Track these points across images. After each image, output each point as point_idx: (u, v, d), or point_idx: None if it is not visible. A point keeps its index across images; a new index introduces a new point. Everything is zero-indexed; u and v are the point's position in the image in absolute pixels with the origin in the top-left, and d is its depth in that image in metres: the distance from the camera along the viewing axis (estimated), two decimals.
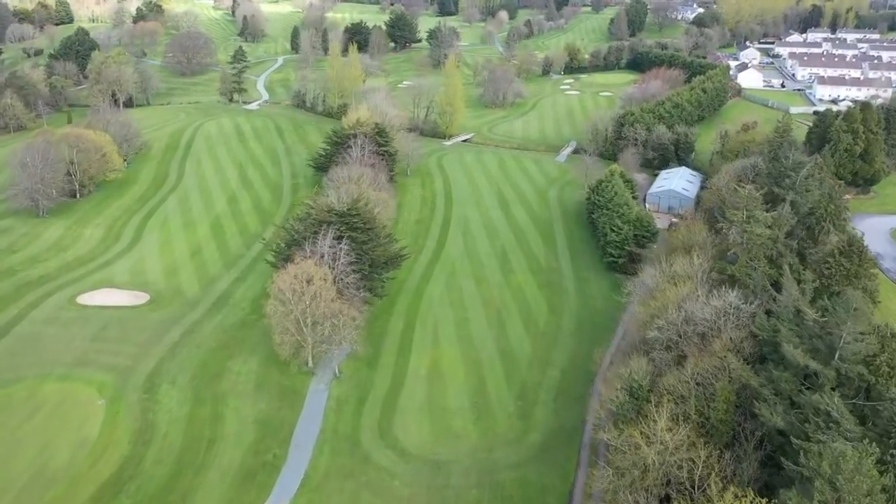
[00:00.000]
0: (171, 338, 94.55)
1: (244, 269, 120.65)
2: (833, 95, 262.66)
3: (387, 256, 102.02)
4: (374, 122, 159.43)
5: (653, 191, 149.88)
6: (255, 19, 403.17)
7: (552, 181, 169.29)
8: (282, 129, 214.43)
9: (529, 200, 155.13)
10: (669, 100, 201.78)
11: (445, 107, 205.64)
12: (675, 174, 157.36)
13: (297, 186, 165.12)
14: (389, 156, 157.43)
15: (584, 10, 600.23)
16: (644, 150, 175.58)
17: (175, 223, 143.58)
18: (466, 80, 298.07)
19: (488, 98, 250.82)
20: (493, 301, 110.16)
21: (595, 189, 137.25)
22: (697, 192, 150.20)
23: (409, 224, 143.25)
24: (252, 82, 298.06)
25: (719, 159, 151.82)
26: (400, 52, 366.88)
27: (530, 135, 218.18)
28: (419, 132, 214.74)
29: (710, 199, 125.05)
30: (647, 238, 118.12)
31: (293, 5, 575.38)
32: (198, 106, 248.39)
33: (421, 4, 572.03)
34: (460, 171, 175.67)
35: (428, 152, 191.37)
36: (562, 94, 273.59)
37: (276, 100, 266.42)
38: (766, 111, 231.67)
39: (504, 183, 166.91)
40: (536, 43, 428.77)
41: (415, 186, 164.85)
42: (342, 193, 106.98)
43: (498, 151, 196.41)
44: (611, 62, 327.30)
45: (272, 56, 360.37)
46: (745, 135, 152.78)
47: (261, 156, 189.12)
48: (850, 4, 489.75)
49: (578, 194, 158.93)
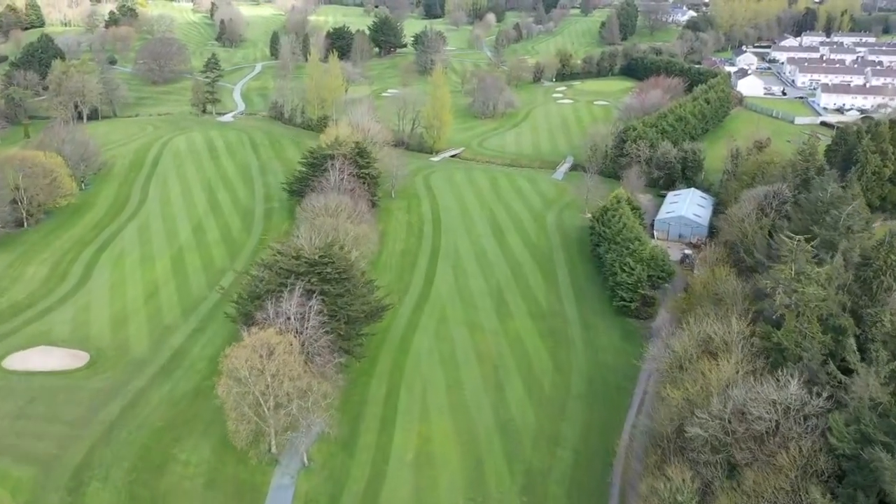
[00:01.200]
0: (110, 414, 79.55)
1: (205, 316, 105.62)
2: (838, 104, 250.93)
3: (366, 310, 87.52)
4: (354, 142, 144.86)
5: (661, 217, 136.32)
6: (234, 23, 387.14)
7: (549, 203, 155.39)
8: (257, 144, 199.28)
9: (526, 227, 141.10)
10: (672, 112, 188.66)
11: (432, 120, 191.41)
12: (684, 197, 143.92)
13: (271, 212, 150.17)
14: (371, 178, 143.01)
15: (573, 12, 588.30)
16: (648, 168, 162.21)
17: (131, 257, 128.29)
18: (454, 88, 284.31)
19: (478, 108, 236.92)
20: (490, 355, 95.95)
21: (600, 218, 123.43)
22: (710, 218, 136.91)
23: (394, 256, 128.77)
24: (228, 91, 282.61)
25: (733, 182, 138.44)
26: (384, 58, 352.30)
27: (523, 149, 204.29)
28: (405, 147, 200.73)
29: (731, 232, 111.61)
30: (662, 279, 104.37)
31: (275, 8, 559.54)
32: (168, 118, 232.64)
33: (406, 7, 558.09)
34: (449, 191, 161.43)
35: (414, 170, 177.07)
36: (555, 103, 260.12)
37: (253, 110, 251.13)
38: (771, 122, 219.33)
39: (497, 205, 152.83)
40: (525, 47, 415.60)
41: (400, 210, 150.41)
42: (315, 234, 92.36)
43: (489, 168, 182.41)
44: (604, 68, 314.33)
45: (250, 62, 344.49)
46: (761, 155, 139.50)
47: (233, 175, 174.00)
48: (843, 7, 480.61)
49: (579, 219, 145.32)
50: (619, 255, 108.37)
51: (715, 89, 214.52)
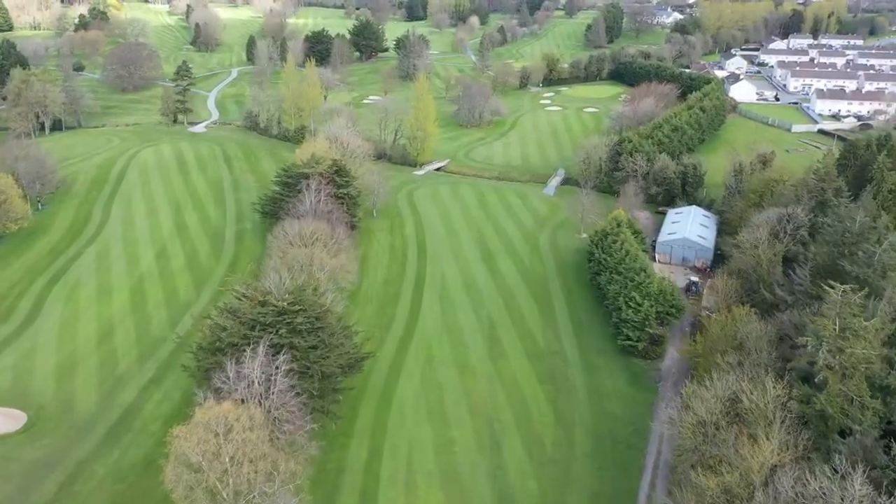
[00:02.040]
0: (44, 493, 68.42)
1: (163, 363, 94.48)
2: (833, 110, 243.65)
3: (344, 363, 77.01)
4: (331, 159, 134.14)
5: (664, 239, 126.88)
6: (209, 27, 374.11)
7: (542, 222, 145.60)
8: (230, 157, 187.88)
9: (517, 249, 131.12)
10: (667, 122, 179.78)
11: (416, 131, 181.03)
12: (686, 216, 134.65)
13: (243, 235, 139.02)
14: (351, 199, 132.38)
15: (558, 13, 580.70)
16: (645, 183, 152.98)
17: (87, 289, 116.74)
18: (438, 94, 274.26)
19: (463, 116, 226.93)
20: (483, 406, 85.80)
21: (599, 243, 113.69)
22: (715, 239, 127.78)
23: (376, 286, 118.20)
24: (202, 98, 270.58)
25: (739, 201, 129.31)
26: (365, 63, 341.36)
27: (512, 161, 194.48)
28: (387, 159, 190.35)
29: (744, 260, 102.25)
30: (672, 315, 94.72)
31: (253, 10, 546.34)
32: (136, 129, 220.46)
33: (388, 9, 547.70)
34: (434, 210, 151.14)
35: (397, 185, 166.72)
36: (543, 111, 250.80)
37: (228, 119, 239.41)
38: (767, 131, 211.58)
39: (486, 225, 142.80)
40: (510, 50, 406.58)
41: (382, 232, 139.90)
42: (285, 273, 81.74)
43: (477, 183, 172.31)
44: (592, 73, 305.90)
45: (226, 68, 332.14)
46: (768, 171, 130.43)
47: (203, 192, 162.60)
48: (829, 8, 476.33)
49: (575, 240, 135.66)
50: (622, 288, 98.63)
51: (710, 97, 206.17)
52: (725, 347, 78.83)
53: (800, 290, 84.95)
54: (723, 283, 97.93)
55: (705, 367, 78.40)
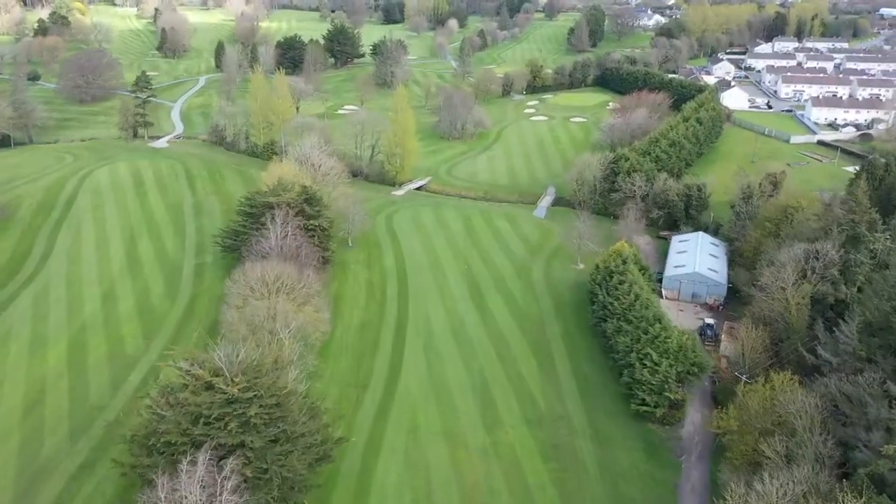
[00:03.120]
0: None
1: (97, 442, 79.89)
2: (829, 118, 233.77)
3: (310, 458, 63.23)
4: (300, 185, 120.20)
5: (671, 273, 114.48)
6: (177, 32, 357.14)
7: (534, 250, 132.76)
8: (193, 176, 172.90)
9: (509, 285, 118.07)
10: (664, 136, 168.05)
11: (394, 148, 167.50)
12: (693, 245, 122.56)
13: (202, 270, 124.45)
14: (322, 230, 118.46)
15: (538, 16, 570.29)
16: (644, 204, 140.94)
17: (19, 343, 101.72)
18: (417, 103, 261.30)
19: (444, 128, 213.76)
20: (478, 493, 72.61)
21: (602, 283, 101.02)
22: (727, 271, 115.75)
23: (351, 332, 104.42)
24: (167, 109, 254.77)
25: (751, 230, 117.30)
26: (341, 69, 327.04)
27: (498, 178, 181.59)
28: (363, 177, 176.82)
29: (770, 306, 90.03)
30: (694, 375, 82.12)
31: (225, 14, 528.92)
32: (92, 145, 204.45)
33: (364, 12, 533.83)
34: (416, 237, 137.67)
35: (375, 208, 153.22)
36: (528, 121, 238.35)
37: (193, 133, 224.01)
38: (766, 142, 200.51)
39: (473, 255, 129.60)
40: (491, 55, 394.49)
41: (358, 265, 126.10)
42: (240, 344, 67.77)
43: (461, 204, 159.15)
44: (577, 79, 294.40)
45: (194, 75, 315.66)
46: (781, 196, 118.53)
47: (161, 217, 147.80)
48: (812, 10, 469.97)
49: (572, 272, 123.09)
50: (634, 341, 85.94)
51: (706, 107, 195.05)
52: (765, 425, 66.38)
53: (846, 349, 72.74)
54: (747, 334, 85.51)
55: (742, 452, 65.85)
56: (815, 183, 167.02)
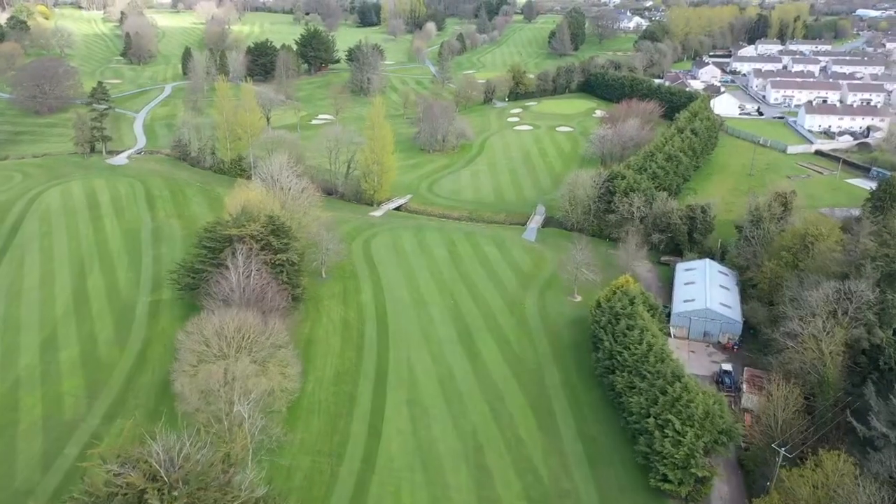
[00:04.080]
0: None
1: None
2: (823, 125, 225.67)
3: None
4: (266, 215, 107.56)
5: (680, 309, 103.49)
6: (142, 37, 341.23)
7: (526, 279, 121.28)
8: (153, 197, 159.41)
9: (501, 323, 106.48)
10: (659, 150, 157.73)
11: (371, 165, 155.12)
12: (700, 274, 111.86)
13: (159, 309, 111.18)
14: (292, 265, 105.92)
15: (517, 18, 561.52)
16: (643, 226, 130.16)
17: None
18: (395, 111, 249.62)
19: (424, 141, 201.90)
20: None
21: (607, 326, 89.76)
22: (740, 306, 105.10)
23: (325, 385, 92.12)
24: (129, 120, 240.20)
25: (766, 259, 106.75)
26: (315, 76, 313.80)
27: (483, 195, 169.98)
28: (338, 196, 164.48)
29: (802, 358, 79.25)
30: (722, 444, 70.88)
31: (195, 17, 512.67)
32: (45, 161, 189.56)
33: (339, 15, 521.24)
34: (397, 266, 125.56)
35: (351, 231, 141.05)
36: (511, 130, 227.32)
37: (157, 146, 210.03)
38: (762, 152, 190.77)
39: (460, 287, 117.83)
40: (471, 59, 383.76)
41: (333, 301, 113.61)
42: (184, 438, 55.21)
43: (445, 227, 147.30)
44: (560, 85, 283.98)
45: (159, 83, 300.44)
46: (799, 225, 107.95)
47: (116, 245, 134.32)
48: (795, 12, 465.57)
49: (568, 305, 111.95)
50: (650, 402, 74.67)
51: (700, 117, 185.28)
52: None
53: None
54: (777, 391, 74.56)
55: None
56: (819, 198, 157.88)
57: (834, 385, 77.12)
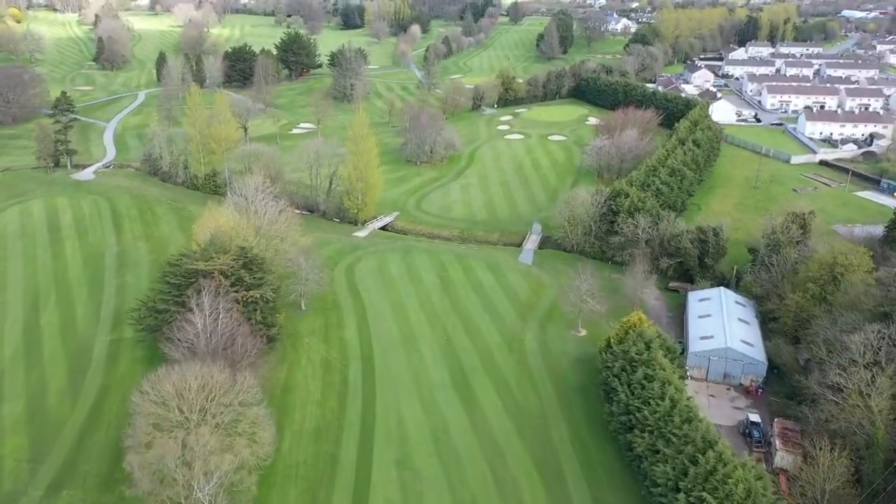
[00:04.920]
0: None
1: None
2: (825, 133, 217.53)
3: None
4: (239, 246, 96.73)
5: (697, 349, 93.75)
6: (115, 41, 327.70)
7: (524, 310, 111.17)
8: (120, 216, 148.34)
9: (499, 363, 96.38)
10: (662, 164, 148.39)
11: (355, 183, 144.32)
12: (716, 305, 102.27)
13: (119, 349, 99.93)
14: (266, 302, 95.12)
15: (502, 20, 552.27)
16: (649, 249, 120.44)
17: None
18: (380, 119, 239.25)
19: (411, 152, 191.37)
20: None
21: (620, 374, 79.82)
22: (762, 343, 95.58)
23: (302, 444, 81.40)
24: (98, 131, 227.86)
25: (789, 290, 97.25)
26: (296, 81, 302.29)
27: (475, 212, 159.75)
28: (320, 214, 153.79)
29: (847, 416, 69.65)
30: None
31: (173, 19, 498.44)
32: (5, 178, 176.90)
33: (322, 17, 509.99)
34: (384, 296, 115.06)
35: (333, 254, 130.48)
36: (502, 139, 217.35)
37: (127, 158, 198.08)
38: (765, 163, 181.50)
39: (453, 320, 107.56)
40: (457, 63, 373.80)
41: (313, 339, 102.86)
42: None
43: (434, 248, 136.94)
44: (551, 90, 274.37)
45: (132, 90, 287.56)
46: (825, 254, 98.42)
47: (76, 274, 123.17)
48: (784, 14, 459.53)
49: (572, 342, 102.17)
50: (677, 472, 64.71)
51: (701, 126, 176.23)
52: None
53: None
54: (823, 457, 64.88)
55: None
56: (830, 214, 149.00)
57: (884, 447, 67.67)
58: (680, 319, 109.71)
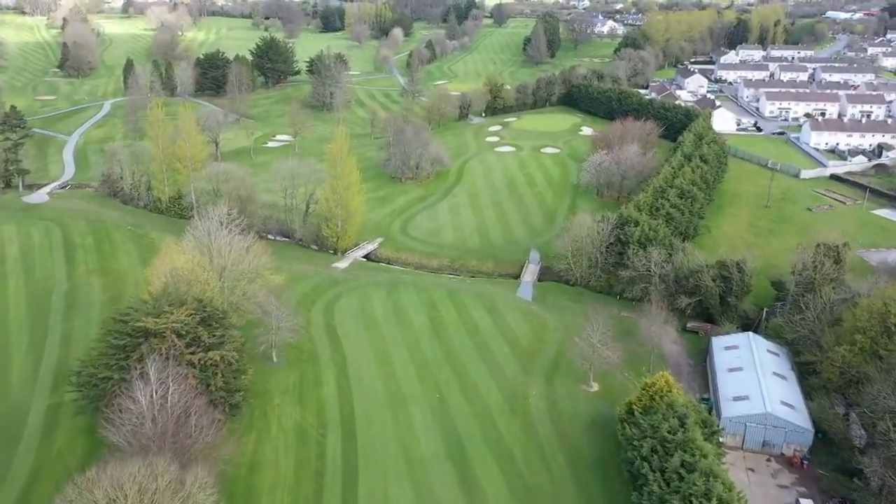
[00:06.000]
0: None
1: None
2: (830, 143, 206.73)
3: None
4: (196, 299, 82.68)
5: (732, 413, 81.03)
6: (81, 46, 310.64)
7: (527, 360, 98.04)
8: (73, 246, 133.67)
9: (501, 429, 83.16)
10: (670, 184, 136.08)
11: (334, 209, 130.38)
12: (746, 356, 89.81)
13: (58, 417, 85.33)
14: (228, 365, 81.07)
15: (486, 22, 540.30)
16: (664, 284, 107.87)
17: None
18: (362, 130, 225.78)
19: (395, 167, 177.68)
20: None
21: (651, 458, 66.87)
22: (805, 404, 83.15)
23: None
24: (58, 145, 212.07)
25: (832, 341, 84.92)
26: (272, 89, 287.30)
27: (466, 237, 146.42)
28: (296, 241, 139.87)
29: None
30: None
31: (147, 22, 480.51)
32: None
33: (301, 20, 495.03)
34: (366, 343, 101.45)
35: (310, 291, 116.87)
36: (492, 152, 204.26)
37: (87, 177, 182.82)
38: (777, 179, 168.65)
39: (446, 374, 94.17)
40: (441, 68, 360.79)
41: (285, 399, 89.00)
42: None
43: (423, 282, 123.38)
44: (541, 98, 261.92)
45: (98, 99, 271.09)
46: (874, 301, 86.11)
47: (17, 318, 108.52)
48: (773, 16, 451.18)
49: (583, 398, 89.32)
50: None
51: (706, 140, 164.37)
52: None
53: None
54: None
55: None
56: (850, 236, 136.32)
57: None
58: (702, 368, 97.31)
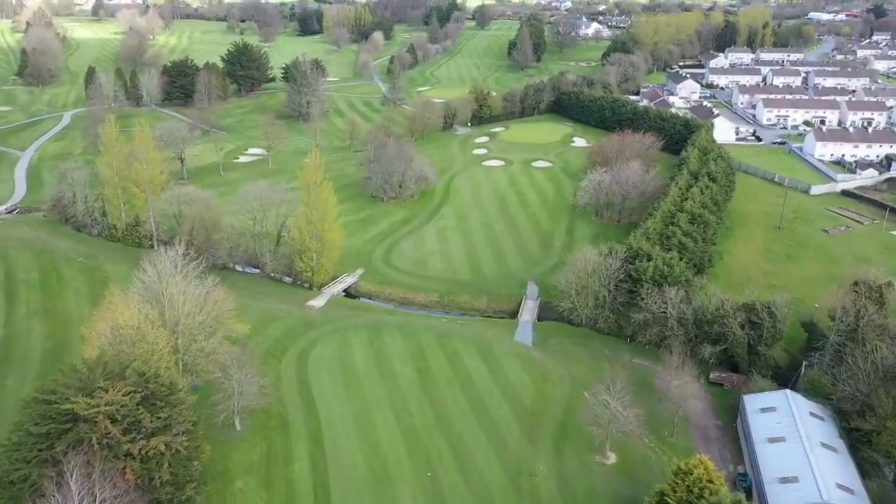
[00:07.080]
0: None
1: None
2: (836, 154, 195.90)
3: None
4: (138, 372, 68.47)
5: (780, 502, 67.90)
6: (42, 53, 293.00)
7: (532, 423, 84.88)
8: (15, 282, 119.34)
9: None
10: (679, 208, 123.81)
11: (308, 241, 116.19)
12: (786, 419, 77.24)
13: None
14: (175, 453, 66.82)
15: (469, 24, 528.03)
16: (682, 328, 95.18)
17: None
18: (341, 143, 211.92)
19: (377, 186, 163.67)
20: None
21: None
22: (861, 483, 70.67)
23: None
24: (10, 161, 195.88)
25: (888, 402, 72.64)
26: (246, 98, 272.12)
27: (455, 266, 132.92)
28: (265, 275, 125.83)
29: None
30: None
31: (117, 26, 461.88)
32: None
33: (278, 23, 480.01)
34: (345, 403, 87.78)
35: (280, 338, 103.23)
36: (480, 167, 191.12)
37: (39, 198, 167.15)
38: (791, 197, 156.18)
39: (437, 444, 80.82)
40: (423, 73, 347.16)
41: (249, 480, 74.90)
42: None
43: (409, 324, 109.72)
44: (529, 106, 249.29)
45: (58, 110, 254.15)
46: None
47: None
48: (761, 18, 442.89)
49: (599, 475, 76.16)
50: None
51: (712, 155, 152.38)
52: None
53: None
54: None
55: None
56: (873, 263, 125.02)
57: None
58: (732, 431, 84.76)
